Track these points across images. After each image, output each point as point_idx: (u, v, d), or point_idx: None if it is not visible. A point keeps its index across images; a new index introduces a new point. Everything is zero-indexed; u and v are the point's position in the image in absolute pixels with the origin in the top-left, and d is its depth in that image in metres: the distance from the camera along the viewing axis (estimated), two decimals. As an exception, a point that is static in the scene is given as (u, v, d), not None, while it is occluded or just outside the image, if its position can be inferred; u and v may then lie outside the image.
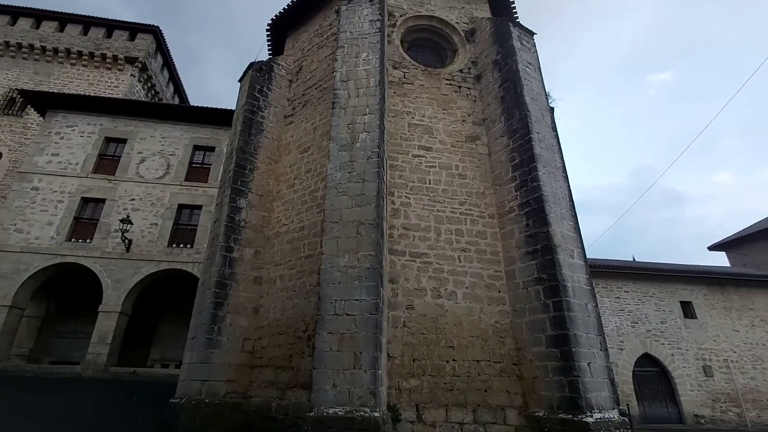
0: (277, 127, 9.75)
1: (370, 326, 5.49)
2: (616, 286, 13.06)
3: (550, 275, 6.52)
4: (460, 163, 8.34)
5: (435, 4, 10.57)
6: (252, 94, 9.66)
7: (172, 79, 24.01)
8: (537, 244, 6.91)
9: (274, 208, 8.67)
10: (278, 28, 12.31)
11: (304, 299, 6.95)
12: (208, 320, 6.97)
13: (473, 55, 9.90)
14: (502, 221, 7.76)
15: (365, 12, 9.03)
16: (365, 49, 8.47)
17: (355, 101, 7.81)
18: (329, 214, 6.62)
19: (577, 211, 7.91)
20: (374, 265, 5.99)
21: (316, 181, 8.20)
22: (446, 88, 9.25)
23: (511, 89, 8.48)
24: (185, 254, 12.65)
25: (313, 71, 10.19)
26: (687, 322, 13.15)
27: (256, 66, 10.22)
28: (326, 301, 5.78)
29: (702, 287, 13.88)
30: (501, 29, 9.35)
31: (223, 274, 7.41)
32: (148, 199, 13.39)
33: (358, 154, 7.11)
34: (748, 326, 13.59)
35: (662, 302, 13.24)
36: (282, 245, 8.00)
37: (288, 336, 6.84)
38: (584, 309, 6.46)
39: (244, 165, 8.67)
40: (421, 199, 7.76)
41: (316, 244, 7.22)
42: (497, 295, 7.15)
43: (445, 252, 7.33)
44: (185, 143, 14.44)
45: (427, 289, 6.93)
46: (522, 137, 7.88)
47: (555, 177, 7.72)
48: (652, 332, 12.69)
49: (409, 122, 8.58)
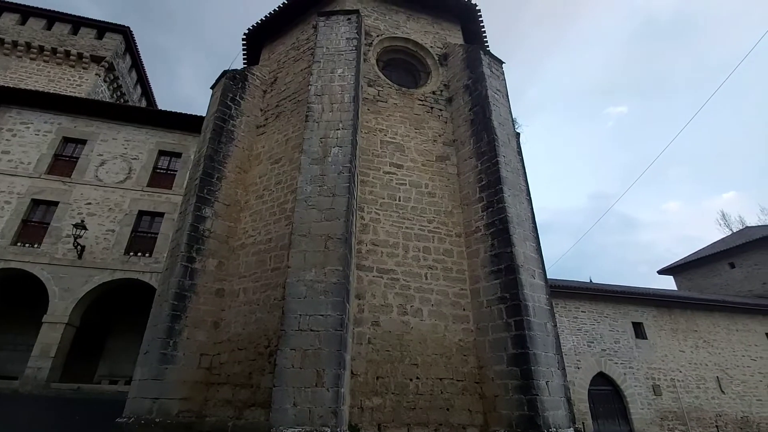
0: (249, 136, 9.62)
1: (335, 343, 5.42)
2: (574, 306, 13.57)
3: (513, 294, 6.71)
4: (429, 181, 8.51)
5: (411, 27, 10.91)
6: (224, 102, 9.51)
7: (140, 82, 23.23)
8: (501, 263, 7.10)
9: (242, 219, 8.48)
10: (254, 39, 12.29)
11: (268, 313, 6.78)
12: (163, 334, 6.65)
13: (446, 78, 10.24)
14: (468, 240, 7.94)
15: (342, 30, 9.18)
16: (341, 65, 8.58)
17: (328, 116, 7.85)
18: (298, 227, 6.55)
19: (539, 233, 8.25)
20: (341, 280, 5.96)
21: (285, 193, 8.12)
22: (419, 108, 9.49)
23: (481, 113, 8.81)
24: (143, 263, 12.06)
25: (288, 83, 10.19)
26: (638, 342, 13.80)
27: (229, 74, 10.11)
28: (290, 316, 5.67)
29: (652, 309, 14.66)
30: (472, 56, 9.75)
31: (183, 285, 7.12)
32: (106, 204, 12.74)
33: (329, 168, 7.12)
34: (693, 347, 14.44)
35: (616, 323, 13.86)
36: (248, 257, 7.81)
37: (248, 352, 6.62)
38: (544, 328, 6.66)
39: (212, 173, 8.47)
40: (390, 216, 7.83)
41: (283, 257, 7.10)
42: (462, 313, 7.25)
43: (412, 269, 7.40)
44: (150, 148, 13.93)
45: (393, 306, 6.94)
46: (489, 160, 8.16)
47: (519, 199, 8.02)
48: (606, 351, 13.22)
49: (382, 139, 8.71)
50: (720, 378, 14.24)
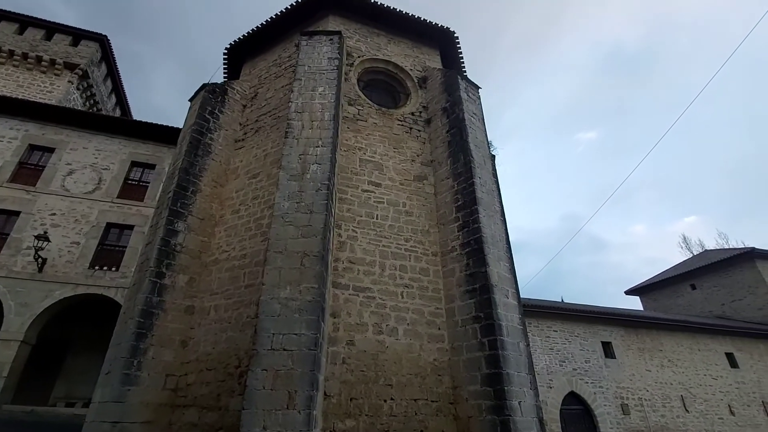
0: (227, 150, 9.52)
1: (308, 363, 5.32)
2: (546, 325, 13.81)
3: (487, 314, 6.79)
4: (407, 200, 8.61)
5: (391, 50, 11.20)
6: (202, 115, 9.42)
7: (115, 91, 22.70)
8: (476, 283, 7.21)
9: (216, 234, 8.31)
10: (236, 53, 12.31)
11: (240, 332, 6.60)
12: (127, 353, 6.35)
13: (424, 100, 10.51)
14: (444, 259, 8.04)
15: (325, 49, 9.34)
16: (322, 83, 8.69)
17: (308, 133, 7.89)
18: (274, 244, 6.48)
19: (513, 253, 8.44)
20: (317, 298, 5.89)
21: (262, 208, 8.03)
22: (398, 128, 9.67)
23: (458, 135, 9.06)
24: (108, 278, 11.56)
25: (269, 99, 10.22)
26: (607, 362, 14.11)
27: (209, 87, 10.05)
28: (263, 334, 5.54)
29: (620, 329, 15.08)
30: (450, 80, 10.07)
31: (151, 302, 6.86)
32: (72, 215, 12.22)
33: (307, 185, 7.12)
34: (659, 366, 14.88)
35: (586, 342, 14.17)
36: (221, 273, 7.63)
37: (218, 372, 6.40)
38: (517, 348, 6.75)
39: (187, 186, 8.30)
40: (367, 234, 7.85)
41: (257, 274, 6.97)
42: (437, 333, 7.27)
43: (388, 287, 7.40)
44: (122, 158, 13.55)
45: (368, 325, 6.89)
46: (466, 181, 8.36)
47: (494, 220, 8.22)
48: (577, 371, 13.45)
49: (361, 158, 8.80)
50: (684, 397, 14.68)
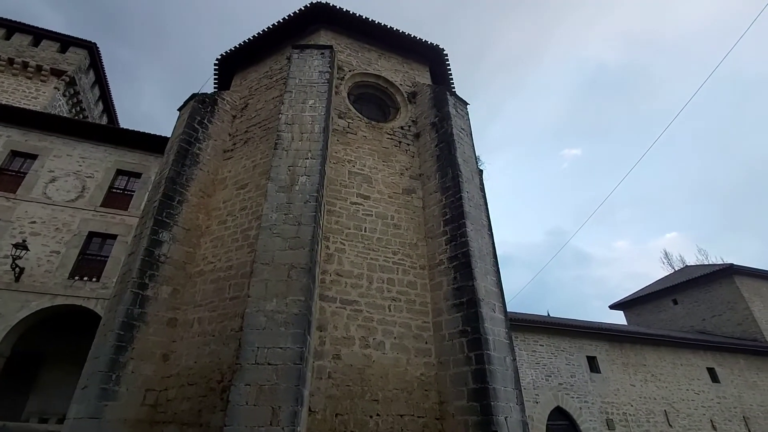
0: (215, 160, 9.47)
1: (293, 377, 5.23)
2: (533, 339, 13.85)
3: (474, 328, 6.80)
4: (395, 213, 8.65)
5: (382, 65, 11.37)
6: (191, 125, 9.38)
7: (103, 98, 22.43)
8: (463, 296, 7.22)
9: (201, 245, 8.20)
10: (227, 64, 12.34)
11: (224, 345, 6.47)
12: (105, 367, 6.16)
13: (414, 115, 10.66)
14: (432, 273, 8.05)
15: (316, 63, 9.44)
16: (312, 96, 8.75)
17: (298, 144, 7.92)
18: (260, 255, 6.42)
19: (500, 266, 8.50)
20: (303, 311, 5.83)
21: (250, 219, 7.97)
22: (387, 142, 9.76)
23: (446, 150, 9.18)
24: (88, 289, 11.24)
25: (259, 110, 10.24)
26: (593, 376, 14.18)
27: (199, 97, 10.03)
28: (248, 348, 5.44)
29: (605, 343, 15.20)
30: (439, 96, 10.25)
31: (132, 314, 6.70)
32: (53, 223, 11.91)
33: (296, 197, 7.11)
34: (642, 381, 15.00)
35: (572, 356, 14.23)
36: (205, 284, 7.51)
37: (199, 387, 6.24)
38: (503, 362, 6.75)
39: (173, 196, 8.20)
40: (355, 246, 7.84)
41: (243, 286, 6.88)
42: (424, 347, 7.24)
43: (376, 300, 7.37)
44: (107, 166, 13.32)
45: (355, 338, 6.83)
46: (454, 195, 8.45)
47: (481, 234, 8.29)
48: (563, 386, 13.46)
49: (350, 170, 8.83)
50: (668, 412, 14.79)
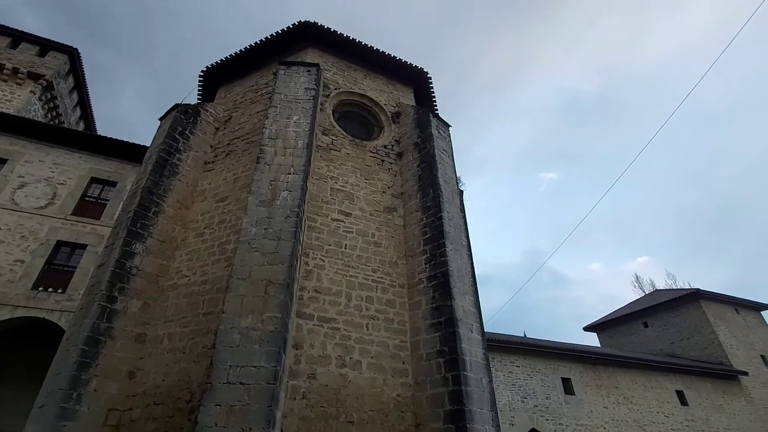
0: (195, 172, 9.33)
1: (266, 398, 5.08)
2: (509, 360, 13.93)
3: (451, 348, 6.80)
4: (376, 231, 8.67)
5: (367, 85, 11.58)
6: (172, 135, 9.26)
7: (81, 104, 21.87)
8: (441, 316, 7.24)
9: (176, 257, 7.98)
10: (213, 76, 12.31)
11: (194, 363, 6.24)
12: (66, 384, 5.84)
13: (397, 134, 10.83)
14: (411, 292, 8.06)
15: (302, 79, 9.53)
16: (297, 112, 8.81)
17: (281, 159, 7.91)
18: (237, 270, 6.31)
19: (478, 285, 8.57)
20: (279, 328, 5.72)
21: (228, 233, 7.84)
22: (370, 160, 9.85)
23: (428, 170, 9.33)
24: (53, 300, 10.72)
25: (243, 123, 10.21)
26: (567, 398, 14.31)
27: (181, 108, 9.94)
28: (220, 366, 5.28)
29: (579, 365, 15.42)
30: (422, 117, 10.47)
31: (98, 328, 6.41)
32: (19, 230, 11.39)
33: (276, 212, 7.06)
34: (615, 403, 15.22)
35: (547, 378, 14.35)
36: (178, 299, 7.28)
37: (166, 407, 5.98)
38: (480, 384, 6.75)
39: (149, 206, 8.00)
40: (335, 263, 7.79)
41: (218, 301, 6.71)
42: (401, 367, 7.17)
43: (354, 318, 7.30)
44: (81, 173, 12.93)
45: (332, 357, 6.72)
46: (434, 214, 8.55)
47: (461, 254, 8.38)
48: (538, 407, 13.52)
49: (332, 186, 8.85)
50: (639, 434, 15.02)
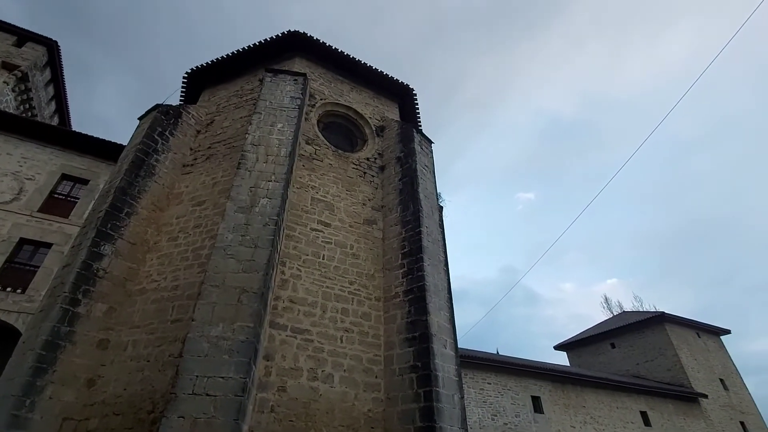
0: (172, 174, 9.12)
1: (232, 411, 4.93)
2: (481, 377, 13.99)
3: (424, 364, 6.79)
4: (355, 243, 8.66)
5: (353, 98, 11.68)
6: (151, 135, 9.05)
7: (57, 98, 21.11)
8: (416, 331, 7.24)
9: (147, 261, 7.74)
10: (197, 78, 12.16)
11: (159, 372, 6.02)
12: (19, 391, 5.51)
13: (380, 148, 10.93)
14: (387, 305, 8.04)
15: (288, 88, 9.54)
16: (282, 120, 8.79)
17: (262, 166, 7.84)
18: (210, 277, 6.16)
19: (454, 302, 8.63)
20: (251, 338, 5.60)
21: (203, 238, 7.68)
22: (353, 172, 9.89)
23: (409, 185, 9.43)
24: (11, 301, 10.15)
25: (225, 128, 10.09)
26: (536, 417, 14.43)
27: (162, 108, 9.75)
28: (186, 376, 5.11)
29: (548, 384, 15.63)
30: (406, 133, 10.62)
31: (58, 332, 6.11)
32: (-22, 226, 10.82)
33: (255, 219, 6.97)
34: (582, 423, 15.45)
35: (517, 396, 14.47)
36: (146, 304, 7.04)
37: (126, 418, 5.71)
38: (451, 400, 6.75)
39: (121, 207, 7.76)
40: (312, 273, 7.72)
41: (188, 308, 6.51)
42: (374, 381, 7.11)
43: (328, 330, 7.21)
44: (51, 169, 12.43)
45: (303, 370, 6.60)
46: (413, 229, 8.62)
47: (438, 269, 8.45)
48: (508, 425, 13.58)
49: (313, 196, 8.82)
50: (604, 454, 15.26)
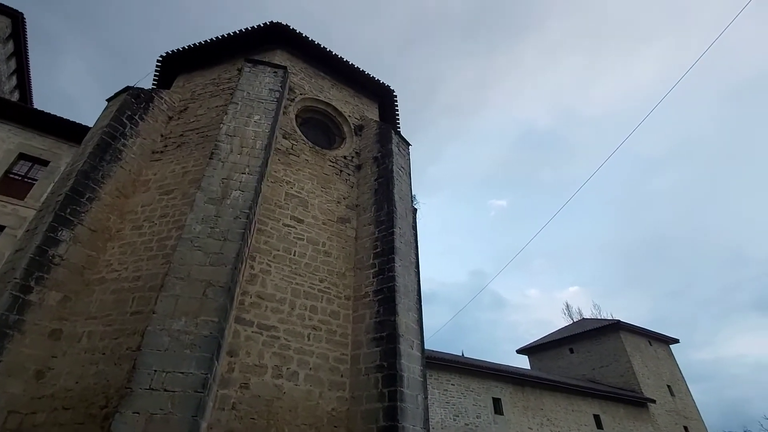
0: (140, 160, 8.78)
1: (191, 407, 4.79)
2: (446, 378, 14.23)
3: (390, 363, 6.84)
4: (327, 241, 8.61)
5: (333, 95, 11.60)
6: (119, 118, 8.67)
7: (19, 73, 19.80)
8: (384, 331, 7.28)
9: (108, 249, 7.41)
10: (172, 63, 11.73)
11: (115, 366, 5.77)
12: (-43, 382, 5.16)
13: (358, 147, 10.91)
14: (356, 304, 8.04)
15: (267, 80, 9.36)
16: (259, 112, 8.61)
17: (236, 158, 7.66)
18: (175, 268, 5.96)
19: (423, 303, 8.72)
20: (214, 333, 5.45)
21: (170, 228, 7.43)
22: (329, 169, 9.82)
23: (385, 185, 9.46)
24: (-49, 284, 9.46)
25: (200, 116, 9.80)
26: (496, 418, 14.82)
27: (133, 91, 9.36)
28: (143, 371, 4.92)
29: (509, 386, 16.09)
30: (384, 133, 10.64)
31: (6, 320, 5.75)
32: None
33: (226, 211, 6.80)
34: (539, 425, 16.00)
35: (479, 397, 14.81)
36: (105, 294, 6.74)
37: (77, 412, 5.45)
38: (415, 400, 6.83)
39: (83, 192, 7.39)
40: (282, 269, 7.62)
41: (149, 300, 6.29)
42: (339, 380, 7.09)
43: (295, 328, 7.14)
44: (9, 147, 11.64)
45: (268, 367, 6.50)
46: (386, 229, 8.66)
47: (409, 271, 8.52)
48: (469, 426, 13.87)
49: (287, 191, 8.70)
50: (558, 455, 15.85)
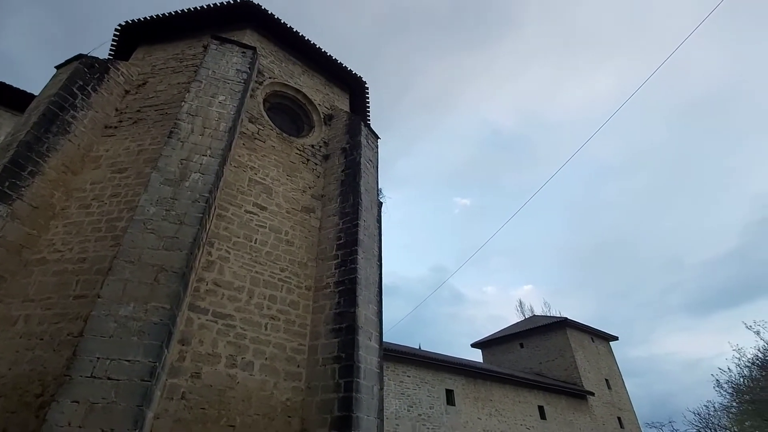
0: (91, 134, 8.20)
1: (137, 396, 4.59)
2: (402, 370, 14.52)
3: (348, 355, 6.88)
4: (290, 230, 8.47)
5: (304, 81, 11.35)
6: (69, 88, 8.04)
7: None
8: (343, 322, 7.30)
9: (50, 228, 6.90)
10: (132, 33, 11.01)
11: (54, 352, 5.42)
12: None
13: (327, 136, 10.77)
14: (317, 295, 8.00)
15: (235, 59, 9.00)
16: (224, 93, 8.27)
17: (197, 138, 7.33)
18: (125, 251, 5.65)
19: (384, 295, 8.86)
20: (165, 320, 5.24)
21: (121, 209, 7.02)
22: (296, 157, 9.64)
23: (351, 177, 9.42)
24: None
25: (159, 92, 9.28)
26: (448, 408, 15.33)
27: (87, 60, 8.70)
28: (84, 357, 4.65)
29: (462, 378, 16.69)
30: (354, 124, 10.56)
31: (-73, 300, 5.24)
32: None
33: (183, 194, 6.50)
34: (488, 415, 16.73)
35: (433, 389, 15.25)
36: (45, 276, 6.28)
37: (9, 400, 5.07)
38: (371, 391, 6.92)
39: (24, 165, 6.82)
40: (242, 257, 7.42)
41: (95, 284, 5.94)
42: (295, 370, 7.04)
43: (253, 317, 7.00)
44: (-67, 108, 10.54)
45: (222, 356, 6.35)
46: (351, 221, 8.64)
47: (371, 263, 8.57)
48: (422, 416, 14.26)
49: (251, 177, 8.46)
50: (505, 444, 16.66)
